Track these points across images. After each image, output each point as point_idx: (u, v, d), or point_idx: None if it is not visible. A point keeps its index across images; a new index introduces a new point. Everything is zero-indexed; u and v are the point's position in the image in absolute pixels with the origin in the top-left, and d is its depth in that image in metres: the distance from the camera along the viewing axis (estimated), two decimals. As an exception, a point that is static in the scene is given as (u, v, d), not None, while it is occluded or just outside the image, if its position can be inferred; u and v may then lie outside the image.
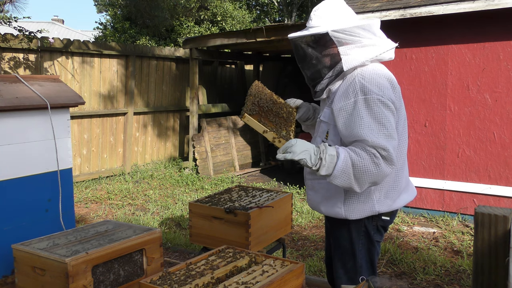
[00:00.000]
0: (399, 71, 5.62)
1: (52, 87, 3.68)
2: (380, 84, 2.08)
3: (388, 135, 2.01)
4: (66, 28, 27.06)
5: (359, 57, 2.13)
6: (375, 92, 2.05)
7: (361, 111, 2.04)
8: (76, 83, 7.42)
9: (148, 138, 8.84)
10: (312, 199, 2.36)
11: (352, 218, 2.20)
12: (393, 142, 2.01)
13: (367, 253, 2.28)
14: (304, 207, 5.95)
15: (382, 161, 1.98)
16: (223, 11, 13.93)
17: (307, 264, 4.18)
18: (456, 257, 4.41)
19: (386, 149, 1.97)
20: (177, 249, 4.64)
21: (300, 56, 2.26)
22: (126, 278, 2.46)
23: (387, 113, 2.04)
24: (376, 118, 2.02)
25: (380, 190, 2.20)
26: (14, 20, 6.37)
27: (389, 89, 2.10)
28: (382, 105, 2.04)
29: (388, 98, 2.06)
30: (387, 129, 2.01)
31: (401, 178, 2.26)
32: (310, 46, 2.19)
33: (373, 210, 2.20)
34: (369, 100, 2.04)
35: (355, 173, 1.99)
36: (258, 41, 7.52)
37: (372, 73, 2.12)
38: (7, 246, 2.64)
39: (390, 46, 2.20)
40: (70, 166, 3.72)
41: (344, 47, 2.14)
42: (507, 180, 5.17)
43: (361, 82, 2.09)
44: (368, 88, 2.07)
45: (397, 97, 2.15)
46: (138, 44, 11.34)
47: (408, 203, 2.36)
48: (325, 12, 2.19)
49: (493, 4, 4.84)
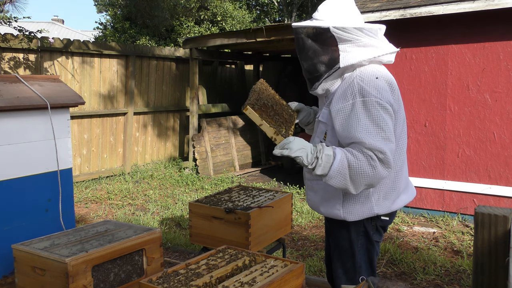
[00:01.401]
0: (399, 71, 5.62)
1: (52, 87, 3.68)
2: (378, 87, 2.08)
3: (386, 138, 2.01)
4: (66, 28, 27.06)
5: (357, 55, 2.13)
6: (374, 95, 2.05)
7: (359, 114, 2.04)
8: (76, 83, 7.42)
9: (148, 138, 8.84)
10: (312, 199, 2.36)
11: (350, 220, 2.21)
12: (390, 145, 2.02)
13: (366, 253, 2.28)
14: (304, 207, 5.95)
15: (379, 164, 1.98)
16: (223, 11, 13.93)
17: (307, 264, 4.18)
18: (456, 257, 4.41)
19: (383, 151, 1.97)
20: (177, 249, 4.64)
21: (300, 46, 2.26)
22: (126, 278, 2.47)
23: (385, 116, 2.04)
24: (374, 121, 2.02)
25: (379, 192, 2.20)
26: (14, 20, 6.37)
27: (387, 92, 2.10)
28: (380, 107, 2.04)
29: (386, 101, 2.06)
30: (384, 132, 2.01)
31: (400, 179, 2.26)
32: (311, 38, 2.19)
33: (372, 211, 2.20)
34: (367, 103, 2.04)
35: (351, 175, 1.99)
36: (258, 41, 7.52)
37: (371, 75, 2.12)
38: (7, 246, 2.64)
39: (392, 49, 2.21)
40: (70, 166, 3.72)
41: (344, 45, 2.14)
42: (507, 180, 5.17)
43: (360, 84, 2.09)
44: (366, 90, 2.06)
45: (395, 100, 2.14)
46: (138, 44, 11.33)
47: (407, 203, 2.36)
48: (332, 7, 2.20)
49: (493, 4, 4.84)
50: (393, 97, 2.13)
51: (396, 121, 2.14)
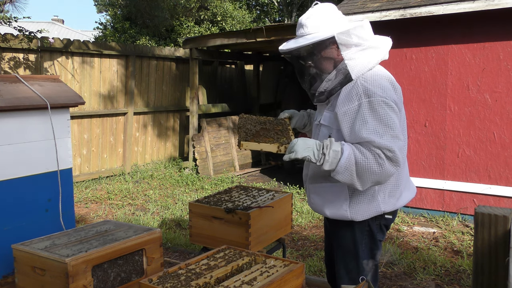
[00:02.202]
0: (399, 71, 5.62)
1: (52, 87, 3.68)
2: (382, 86, 2.10)
3: (394, 136, 2.03)
4: (66, 28, 27.06)
5: (365, 62, 2.13)
6: (379, 94, 2.06)
7: (366, 114, 2.06)
8: (76, 83, 7.42)
9: (148, 138, 8.84)
10: (316, 202, 2.35)
11: (358, 220, 2.21)
12: (399, 143, 2.03)
13: (369, 252, 2.28)
14: (304, 207, 5.96)
15: (387, 162, 1.99)
16: (223, 11, 13.93)
17: (307, 264, 4.18)
18: (456, 257, 4.41)
19: (391, 150, 1.99)
20: (177, 249, 4.64)
21: (300, 68, 2.24)
22: (126, 278, 2.47)
23: (392, 115, 2.05)
24: (381, 120, 2.04)
25: (384, 190, 2.21)
26: (14, 20, 6.37)
27: (391, 90, 2.12)
28: (387, 106, 2.05)
29: (391, 100, 2.08)
30: (393, 130, 2.03)
31: (402, 176, 2.28)
32: (310, 54, 2.16)
33: (379, 210, 2.21)
34: (373, 103, 2.06)
35: (357, 171, 2.01)
36: (258, 41, 7.52)
37: (373, 75, 2.13)
38: (7, 246, 2.64)
39: (388, 44, 2.22)
40: (70, 166, 3.72)
41: (348, 51, 2.13)
42: (507, 180, 5.17)
43: (364, 85, 2.10)
44: (371, 90, 2.08)
45: (398, 98, 2.16)
46: (138, 44, 11.33)
47: (410, 200, 2.37)
48: (320, 18, 2.16)
49: (493, 4, 4.84)
50: (396, 96, 2.14)
51: (400, 119, 2.15)
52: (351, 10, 5.69)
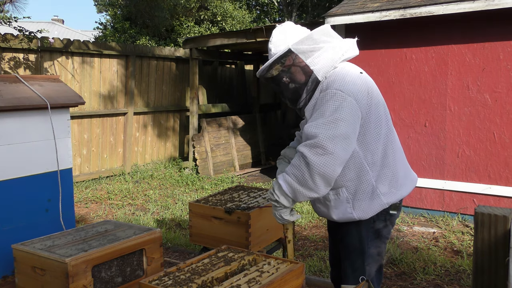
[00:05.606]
0: (399, 71, 5.62)
1: (52, 87, 3.69)
2: (341, 80, 2.13)
3: (326, 123, 2.03)
4: (66, 28, 27.06)
5: (328, 61, 2.17)
6: (334, 87, 2.10)
7: (316, 107, 2.14)
8: (76, 83, 7.42)
9: (148, 138, 8.84)
10: (321, 210, 2.36)
11: (365, 218, 2.22)
12: (329, 131, 2.01)
13: (375, 250, 2.29)
14: (304, 207, 5.96)
15: (310, 154, 2.01)
16: (223, 11, 13.92)
17: (307, 264, 4.18)
18: (456, 257, 4.42)
19: (314, 135, 2.02)
20: (177, 249, 4.64)
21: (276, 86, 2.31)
22: (126, 278, 2.47)
23: (335, 104, 2.06)
24: (321, 110, 2.08)
25: (383, 183, 2.21)
26: (14, 20, 6.37)
27: (350, 84, 2.12)
28: (335, 97, 2.07)
29: (347, 92, 2.08)
30: (325, 118, 2.05)
31: (399, 167, 2.27)
32: (280, 71, 2.23)
33: (382, 203, 2.21)
34: (323, 96, 2.11)
35: (300, 183, 2.06)
36: (258, 41, 7.52)
37: (337, 73, 2.17)
38: (7, 246, 2.64)
39: (351, 42, 2.25)
40: (70, 166, 3.73)
41: (310, 59, 2.17)
42: (507, 180, 5.17)
43: (324, 82, 2.17)
44: (328, 85, 2.13)
45: (362, 91, 2.14)
46: (138, 44, 11.33)
47: (412, 189, 2.37)
48: (279, 36, 2.25)
49: (493, 4, 4.84)
50: (357, 88, 2.12)
51: (369, 110, 2.14)
52: (351, 10, 5.69)
